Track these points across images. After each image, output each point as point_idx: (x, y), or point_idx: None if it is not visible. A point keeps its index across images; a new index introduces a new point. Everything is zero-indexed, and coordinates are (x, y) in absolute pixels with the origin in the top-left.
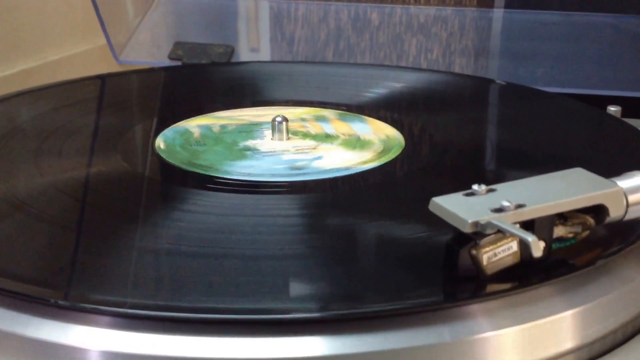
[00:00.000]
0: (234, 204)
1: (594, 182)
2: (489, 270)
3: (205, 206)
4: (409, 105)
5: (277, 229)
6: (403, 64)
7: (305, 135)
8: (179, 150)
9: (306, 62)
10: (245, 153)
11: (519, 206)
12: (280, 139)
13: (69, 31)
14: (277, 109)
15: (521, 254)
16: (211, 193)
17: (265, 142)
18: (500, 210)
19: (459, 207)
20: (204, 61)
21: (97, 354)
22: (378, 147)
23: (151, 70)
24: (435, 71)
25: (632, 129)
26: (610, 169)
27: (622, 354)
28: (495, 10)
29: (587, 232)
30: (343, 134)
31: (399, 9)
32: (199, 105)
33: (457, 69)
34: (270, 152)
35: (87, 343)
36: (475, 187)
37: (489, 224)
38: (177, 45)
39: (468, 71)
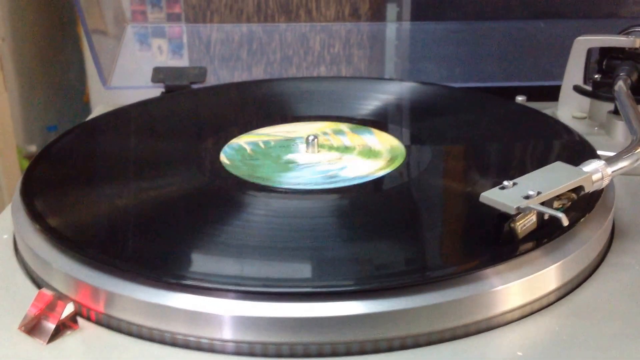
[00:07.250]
0: (299, 207)
1: (572, 171)
2: (521, 235)
3: (275, 210)
4: (408, 115)
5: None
6: (309, 58)
7: (330, 147)
8: (240, 165)
9: (313, 78)
10: (289, 166)
11: (538, 193)
12: (313, 152)
13: None
14: (303, 124)
15: (537, 223)
16: (281, 200)
17: (301, 155)
18: (528, 197)
19: (502, 197)
20: (184, 82)
21: (229, 319)
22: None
23: (178, 94)
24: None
25: (536, 111)
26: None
27: (586, 288)
28: (403, 22)
29: (569, 203)
30: (358, 146)
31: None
32: (240, 123)
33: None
34: (307, 164)
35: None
36: (505, 182)
37: (527, 207)
38: (157, 70)
39: (384, 75)
